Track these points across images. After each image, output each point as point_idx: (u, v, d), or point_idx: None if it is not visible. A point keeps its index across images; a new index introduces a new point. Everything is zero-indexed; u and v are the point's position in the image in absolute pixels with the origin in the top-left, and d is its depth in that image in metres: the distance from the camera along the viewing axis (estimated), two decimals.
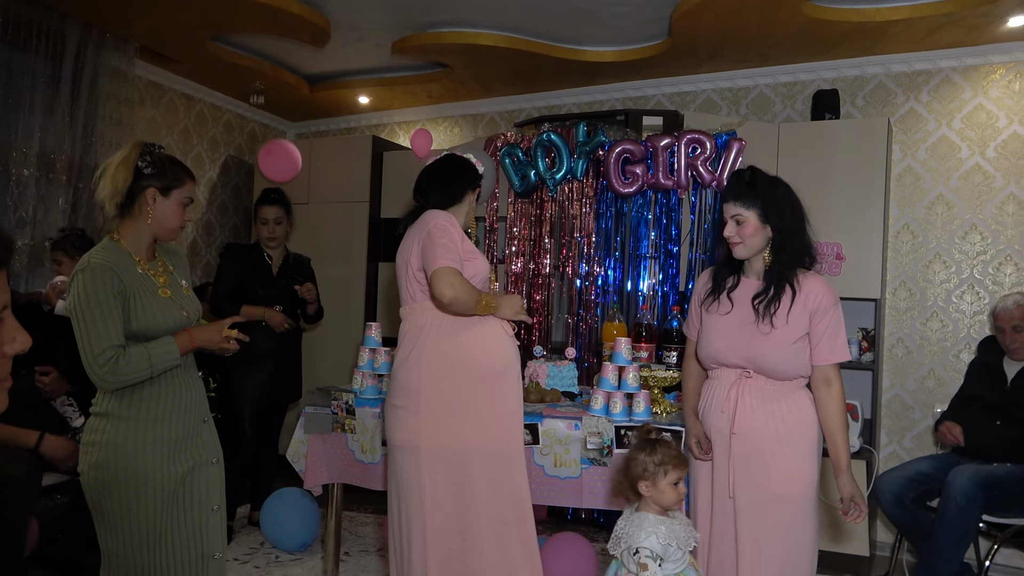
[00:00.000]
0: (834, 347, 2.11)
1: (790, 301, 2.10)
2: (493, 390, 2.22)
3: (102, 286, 1.85)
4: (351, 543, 3.63)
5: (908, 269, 3.93)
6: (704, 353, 2.25)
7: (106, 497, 1.89)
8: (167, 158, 2.03)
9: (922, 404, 3.86)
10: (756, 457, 2.10)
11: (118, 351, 1.83)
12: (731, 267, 2.24)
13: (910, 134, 3.94)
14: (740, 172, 2.21)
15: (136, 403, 1.91)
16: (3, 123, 3.63)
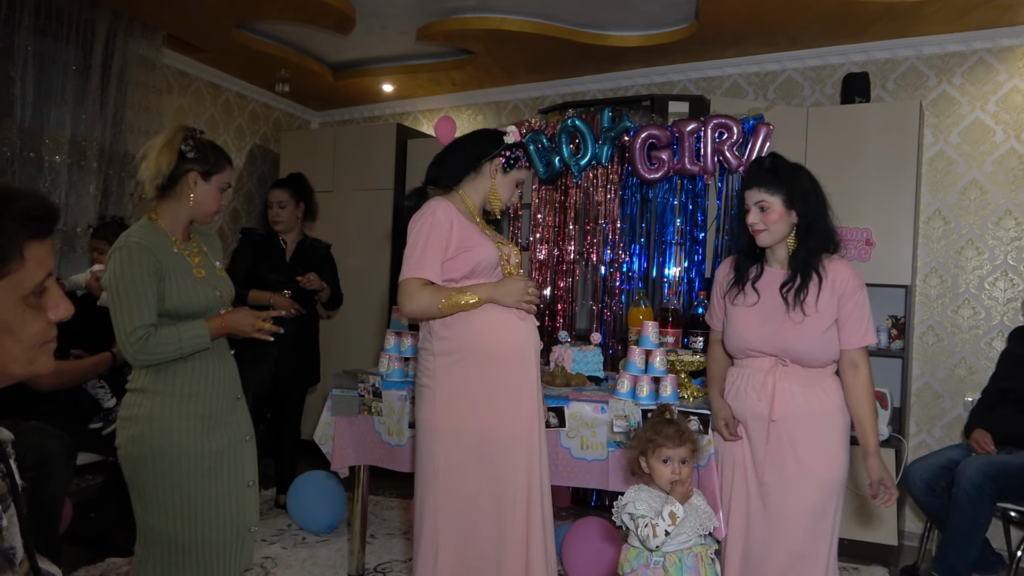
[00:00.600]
0: (861, 331, 2.10)
1: (818, 288, 2.08)
2: (503, 374, 2.18)
3: (138, 265, 1.88)
4: (377, 526, 3.65)
5: (939, 255, 3.87)
6: (733, 345, 2.23)
7: (142, 470, 1.93)
8: (209, 143, 2.07)
9: (952, 392, 3.81)
10: (792, 442, 2.09)
11: (149, 330, 1.87)
12: (753, 256, 2.22)
13: (942, 118, 3.87)
14: (761, 159, 2.21)
15: (170, 379, 1.95)
16: (36, 111, 3.69)
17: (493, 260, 2.21)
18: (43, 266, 0.96)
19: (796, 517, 2.07)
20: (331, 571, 3.09)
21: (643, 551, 1.95)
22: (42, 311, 0.97)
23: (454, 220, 2.18)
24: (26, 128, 3.63)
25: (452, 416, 2.16)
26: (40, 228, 0.96)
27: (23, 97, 3.59)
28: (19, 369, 0.97)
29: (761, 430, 2.14)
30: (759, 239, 2.14)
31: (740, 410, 2.21)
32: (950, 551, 2.86)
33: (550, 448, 2.60)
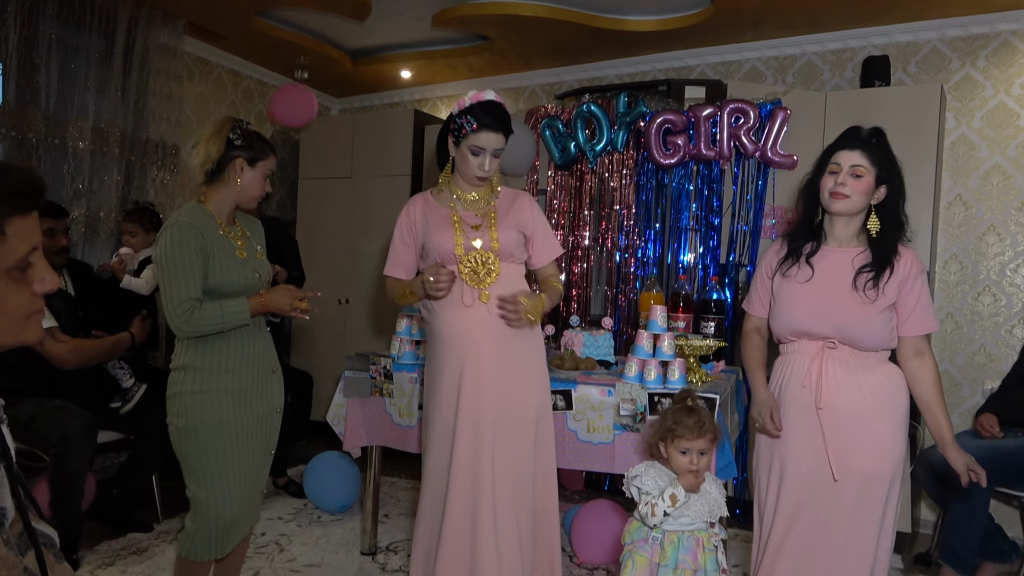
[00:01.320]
0: (927, 317, 2.03)
1: (891, 272, 2.00)
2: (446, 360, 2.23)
3: (187, 242, 2.02)
4: (391, 506, 3.71)
5: (960, 241, 3.81)
6: (782, 324, 2.11)
7: (188, 442, 2.08)
8: (254, 133, 2.19)
9: (971, 380, 3.76)
10: (843, 433, 2.00)
11: (195, 304, 2.01)
12: (809, 231, 2.12)
13: (965, 101, 3.80)
14: (859, 128, 2.07)
15: (208, 355, 2.08)
16: (60, 98, 3.77)
17: (446, 250, 2.23)
18: (27, 240, 0.98)
19: (840, 511, 1.99)
20: (344, 549, 3.15)
21: (643, 525, 1.96)
22: (26, 284, 0.99)
23: (418, 214, 2.32)
24: (51, 115, 3.72)
25: (431, 399, 2.29)
26: (23, 204, 0.98)
27: (47, 84, 3.67)
28: (4, 339, 0.99)
29: (806, 420, 2.05)
30: (836, 204, 2.01)
31: (785, 402, 2.10)
32: (952, 538, 2.84)
33: (556, 431, 2.62)
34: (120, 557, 2.96)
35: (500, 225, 2.27)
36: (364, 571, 2.94)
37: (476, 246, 2.24)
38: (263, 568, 2.91)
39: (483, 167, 2.22)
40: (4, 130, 3.51)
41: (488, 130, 2.19)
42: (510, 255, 2.28)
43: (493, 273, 2.23)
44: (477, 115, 2.19)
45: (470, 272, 2.23)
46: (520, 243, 2.31)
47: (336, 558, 3.05)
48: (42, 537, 1.10)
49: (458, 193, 2.31)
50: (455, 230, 2.25)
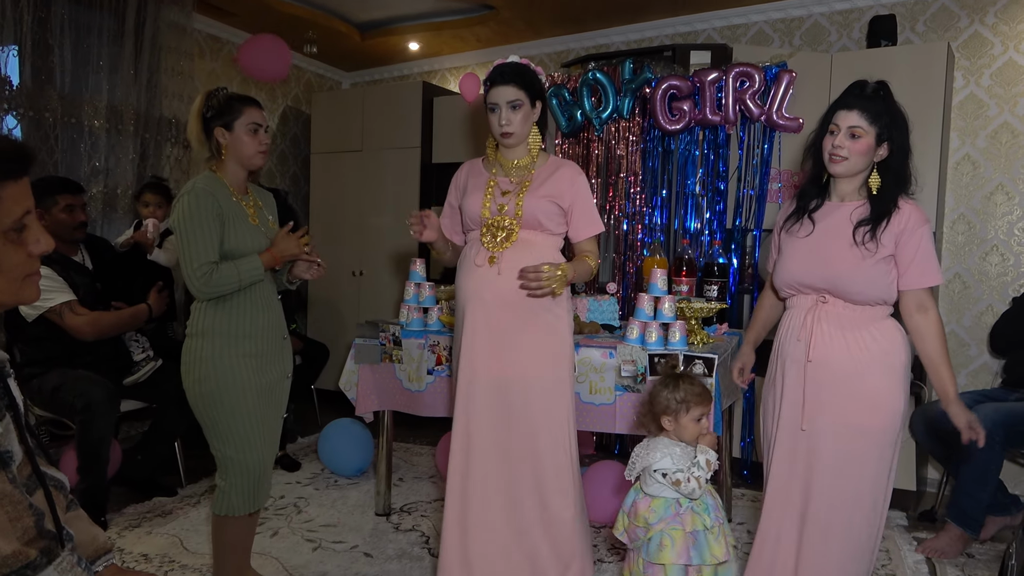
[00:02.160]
0: (926, 269, 1.98)
1: (887, 223, 1.98)
2: (460, 320, 2.31)
3: (204, 208, 2.11)
4: (405, 471, 3.83)
5: (967, 201, 3.79)
6: (780, 278, 2.13)
7: (213, 405, 2.17)
8: (226, 96, 2.22)
9: (979, 340, 3.77)
10: (834, 387, 2.00)
11: (212, 266, 2.10)
12: (817, 187, 2.12)
13: (974, 59, 3.76)
14: (864, 83, 2.02)
15: (227, 321, 2.17)
16: (74, 78, 3.85)
17: (474, 212, 2.28)
18: (20, 204, 1.05)
19: (832, 466, 2.00)
20: (359, 510, 3.26)
21: (670, 500, 1.96)
22: (22, 245, 1.07)
23: (463, 178, 2.41)
24: (66, 95, 3.80)
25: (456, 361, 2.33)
26: (12, 169, 1.04)
27: (62, 65, 3.76)
28: (3, 298, 1.07)
29: (799, 375, 2.06)
30: (835, 167, 2.00)
31: (783, 356, 2.12)
32: (962, 497, 2.86)
33: None
34: (146, 520, 3.10)
35: (530, 193, 2.25)
36: (379, 530, 3.05)
37: (502, 211, 2.25)
38: (282, 528, 3.04)
39: (500, 122, 2.22)
40: (22, 111, 3.61)
41: (496, 84, 2.22)
42: (535, 223, 2.25)
43: (511, 239, 2.23)
44: (490, 75, 2.26)
45: (489, 235, 2.25)
46: (550, 213, 2.26)
47: (352, 519, 3.16)
48: (51, 480, 1.19)
49: (502, 160, 2.33)
50: (486, 193, 2.28)
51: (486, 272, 2.22)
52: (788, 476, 2.10)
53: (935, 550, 2.87)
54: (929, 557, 2.87)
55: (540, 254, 2.24)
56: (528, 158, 2.33)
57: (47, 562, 0.97)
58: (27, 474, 1.07)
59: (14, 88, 3.58)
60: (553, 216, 2.27)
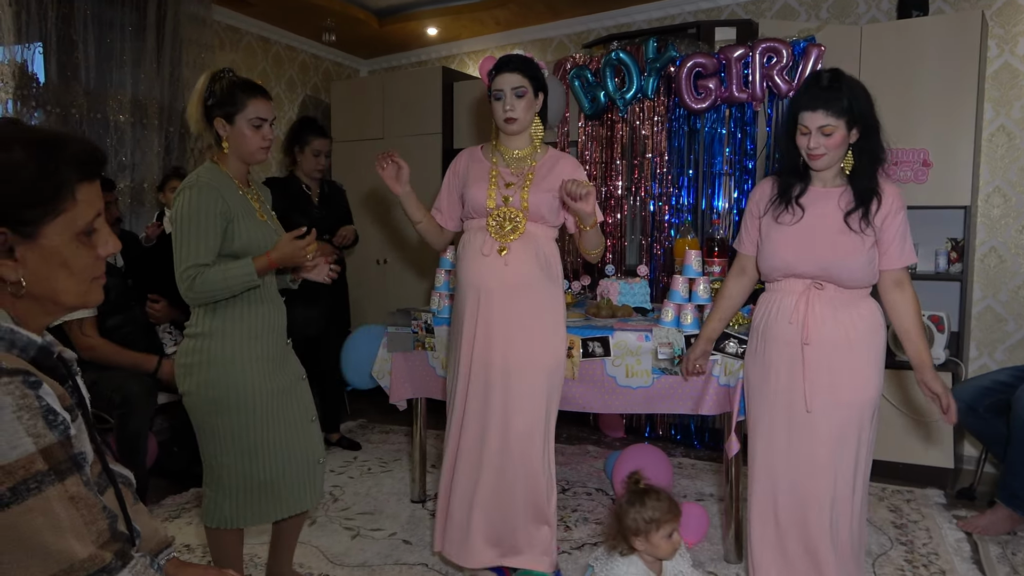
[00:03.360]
0: (904, 250, 2.07)
1: (877, 208, 2.04)
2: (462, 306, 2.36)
3: (206, 204, 1.94)
4: (436, 457, 3.83)
5: (1003, 173, 3.71)
6: (770, 264, 2.15)
7: (215, 414, 2.00)
8: (231, 83, 2.04)
9: (1016, 315, 3.70)
10: (829, 366, 2.06)
11: (200, 270, 1.92)
12: (798, 175, 2.13)
13: (1008, 27, 3.67)
14: (819, 75, 2.05)
15: (237, 321, 2.02)
16: (99, 72, 3.86)
17: (479, 202, 2.34)
18: (93, 206, 1.06)
19: (826, 440, 2.05)
20: (395, 497, 3.28)
21: None
22: (92, 248, 1.07)
23: (463, 166, 2.46)
24: (91, 90, 3.82)
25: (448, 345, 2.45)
26: (89, 170, 1.05)
27: (86, 60, 3.77)
28: (71, 300, 1.07)
29: (793, 356, 2.09)
30: (817, 163, 2.05)
31: (771, 337, 2.15)
32: (1012, 479, 2.80)
33: (595, 377, 2.69)
34: (185, 510, 3.13)
35: (534, 186, 2.33)
36: (416, 517, 3.06)
37: (507, 202, 2.32)
38: (319, 516, 3.06)
39: (504, 107, 2.30)
40: (49, 107, 3.63)
41: (501, 71, 2.30)
42: (540, 216, 2.34)
43: (518, 231, 2.31)
44: (494, 65, 2.34)
45: (496, 225, 2.32)
46: (552, 207, 2.35)
47: (388, 506, 3.18)
48: (120, 477, 1.20)
49: (503, 150, 2.41)
50: (490, 184, 2.35)
51: (494, 262, 2.30)
52: (785, 452, 2.13)
53: (980, 527, 2.84)
54: (971, 534, 2.84)
55: (542, 245, 2.36)
56: (530, 149, 2.42)
57: (121, 565, 0.97)
58: (97, 472, 1.08)
59: (40, 85, 3.59)
60: (555, 210, 2.37)
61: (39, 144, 1.00)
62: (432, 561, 2.65)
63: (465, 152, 2.51)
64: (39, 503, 0.90)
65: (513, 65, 2.29)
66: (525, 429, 2.29)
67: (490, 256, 2.30)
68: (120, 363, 3.08)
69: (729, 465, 2.59)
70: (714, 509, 3.11)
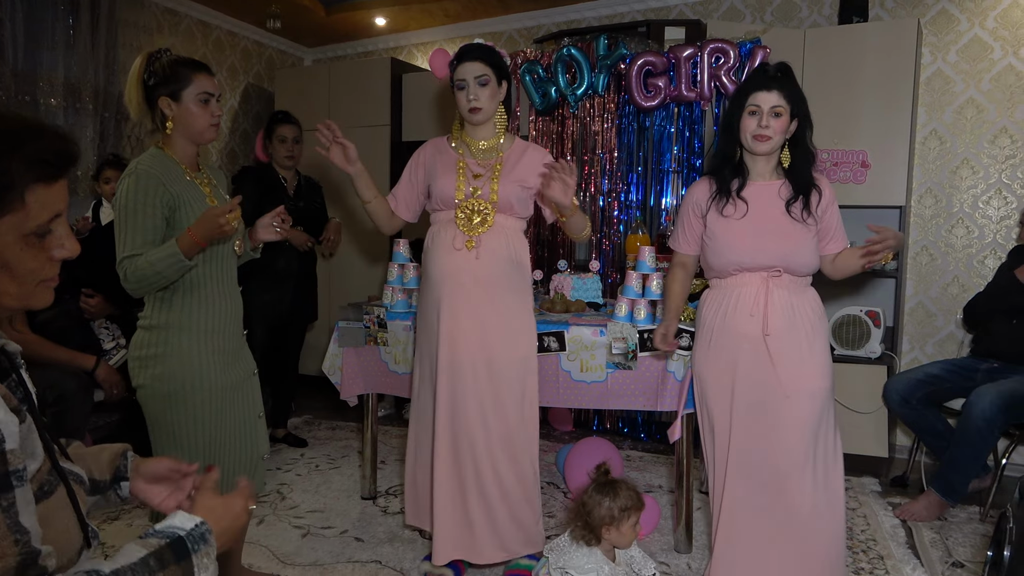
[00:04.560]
0: (842, 235, 2.20)
1: (819, 199, 2.14)
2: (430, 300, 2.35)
3: (143, 193, 1.87)
4: (386, 453, 3.80)
5: (934, 175, 3.89)
6: (723, 259, 2.16)
7: (172, 407, 1.94)
8: (171, 61, 1.96)
9: (945, 311, 3.89)
10: (788, 356, 2.09)
11: (133, 260, 1.85)
12: (734, 169, 2.18)
13: (941, 35, 3.84)
14: (766, 65, 2.16)
15: (191, 312, 1.96)
16: (28, 53, 3.66)
17: (447, 194, 2.32)
18: (47, 209, 0.97)
19: (794, 429, 2.07)
20: (345, 494, 3.23)
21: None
22: (43, 250, 0.99)
23: (427, 157, 2.43)
24: (19, 71, 3.62)
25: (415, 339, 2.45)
26: (47, 172, 0.96)
27: (14, 39, 3.57)
28: (10, 302, 0.98)
29: (754, 348, 2.12)
30: (762, 146, 2.09)
31: (729, 330, 2.17)
32: (952, 474, 2.91)
33: (550, 372, 2.70)
34: (124, 512, 3.01)
35: (503, 178, 2.32)
36: (367, 514, 3.02)
37: (475, 194, 2.30)
38: (268, 516, 2.99)
39: (468, 98, 2.28)
40: None
41: (463, 60, 2.29)
42: (510, 208, 2.32)
43: (487, 223, 2.30)
44: (456, 55, 2.33)
45: (465, 218, 2.30)
46: (522, 198, 2.34)
47: (338, 503, 3.13)
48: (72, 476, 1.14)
49: (468, 141, 2.39)
50: (458, 176, 2.33)
51: (464, 255, 2.29)
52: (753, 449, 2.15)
53: (912, 514, 2.97)
54: (905, 520, 2.97)
55: (512, 238, 2.35)
56: (495, 139, 2.40)
57: None
58: (47, 470, 1.01)
59: None
60: (524, 201, 2.36)
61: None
62: (386, 558, 2.62)
63: (430, 143, 2.48)
64: None
65: (475, 54, 2.27)
66: (513, 421, 2.30)
67: (461, 250, 2.29)
68: (55, 360, 2.93)
69: (680, 458, 2.64)
70: (663, 500, 3.17)
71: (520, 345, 2.34)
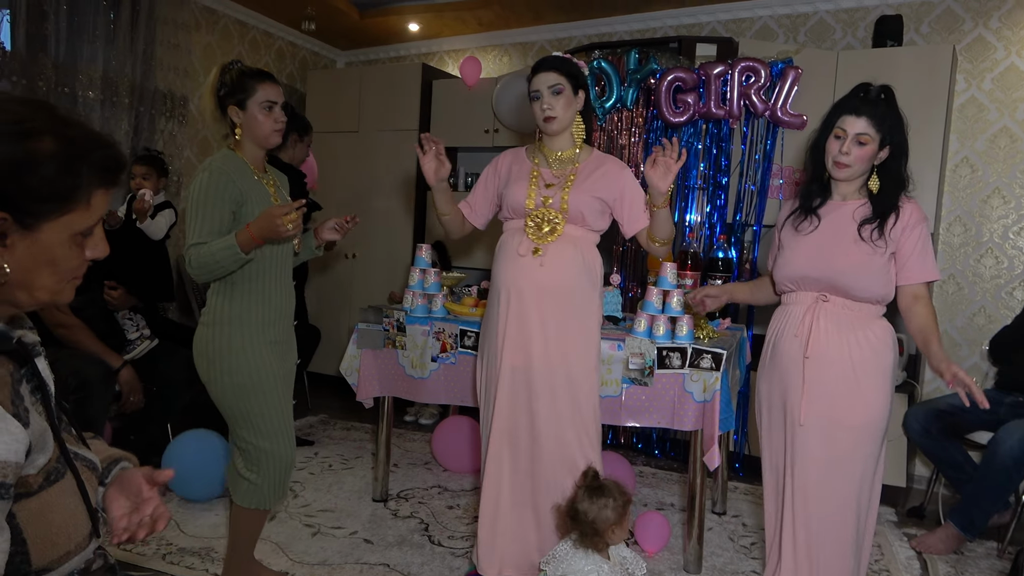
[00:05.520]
0: (924, 264, 2.01)
1: (894, 223, 2.02)
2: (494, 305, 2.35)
3: (215, 188, 2.04)
4: (399, 456, 3.81)
5: (964, 204, 3.84)
6: (782, 273, 2.14)
7: (244, 399, 2.11)
8: (239, 72, 2.15)
9: (970, 341, 3.83)
10: (829, 384, 2.03)
11: (198, 248, 2.02)
12: (820, 186, 2.13)
13: (976, 63, 3.79)
14: (868, 86, 2.04)
15: (248, 307, 2.12)
16: (69, 46, 3.74)
17: (518, 202, 2.31)
18: (99, 212, 1.03)
19: (823, 463, 2.03)
20: (356, 496, 3.24)
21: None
22: (82, 249, 1.04)
23: (504, 166, 2.45)
24: (60, 63, 3.70)
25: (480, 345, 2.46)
26: (111, 179, 1.03)
27: (56, 32, 3.65)
28: (44, 296, 1.03)
29: (796, 371, 2.08)
30: (840, 172, 2.02)
31: (780, 351, 2.14)
32: (972, 508, 2.86)
33: None
34: None
35: (576, 188, 2.27)
36: (377, 516, 3.03)
37: (546, 203, 2.28)
38: (279, 512, 3.01)
39: (543, 107, 2.26)
40: (15, 78, 3.50)
41: (537, 71, 2.29)
42: (580, 218, 2.28)
43: (556, 232, 2.27)
44: (532, 68, 2.32)
45: (534, 226, 2.28)
46: (595, 210, 2.29)
47: (349, 504, 3.14)
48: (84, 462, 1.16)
49: (545, 151, 2.37)
50: (530, 184, 2.31)
51: (529, 263, 2.27)
52: (779, 472, 2.15)
53: (928, 546, 2.92)
54: (921, 552, 2.93)
55: (582, 248, 2.30)
56: (572, 150, 2.36)
57: None
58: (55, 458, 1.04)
59: (6, 53, 3.47)
60: (596, 213, 2.31)
61: (71, 141, 0.97)
62: (394, 561, 2.62)
63: (509, 152, 2.48)
64: None
65: (548, 64, 2.27)
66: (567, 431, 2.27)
67: (525, 257, 2.27)
68: (88, 348, 3.01)
69: (693, 476, 2.62)
70: (675, 519, 3.14)
71: (577, 357, 2.28)
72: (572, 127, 2.34)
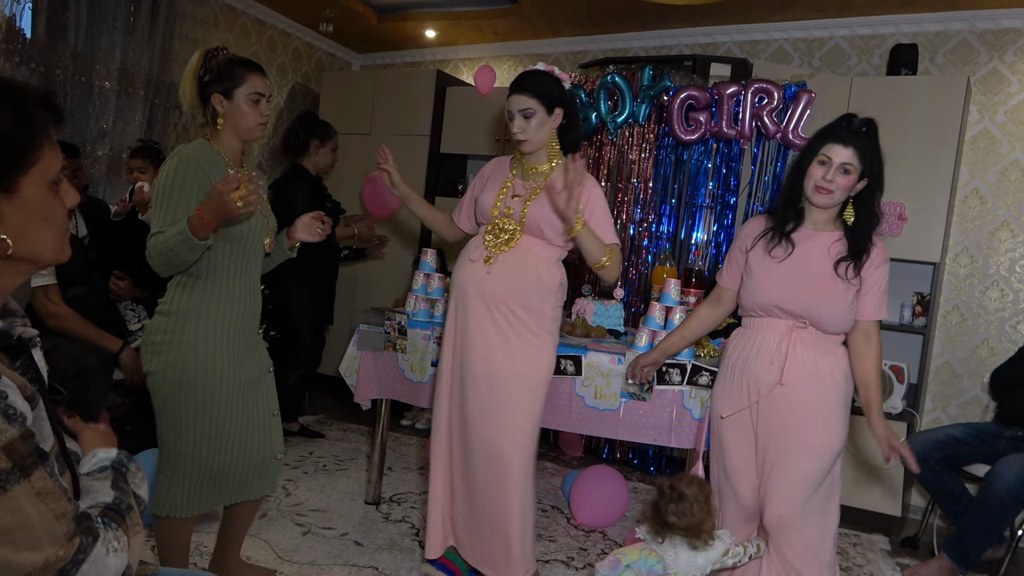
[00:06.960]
0: (881, 304, 2.10)
1: (868, 260, 2.07)
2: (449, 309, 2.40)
3: (182, 175, 1.92)
4: (393, 460, 3.80)
5: (972, 235, 3.83)
6: (753, 299, 2.14)
7: (180, 396, 1.95)
8: (227, 60, 2.02)
9: (972, 373, 3.81)
10: (796, 409, 2.06)
11: (157, 236, 1.88)
12: (795, 212, 2.14)
13: (990, 95, 3.80)
14: (851, 118, 2.06)
15: (210, 302, 1.98)
16: (88, 36, 3.78)
17: (485, 208, 2.37)
18: (59, 153, 1.02)
19: (794, 484, 2.06)
20: (349, 497, 3.24)
21: None
22: (60, 198, 1.03)
23: (487, 172, 2.49)
24: (79, 53, 3.73)
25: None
26: (58, 114, 1.01)
27: (76, 21, 3.68)
28: (50, 256, 1.03)
29: (770, 396, 2.09)
30: (821, 198, 2.04)
31: (749, 375, 2.14)
32: (967, 541, 2.84)
33: (563, 395, 2.70)
34: None
35: (538, 201, 2.28)
36: (368, 519, 3.02)
37: (508, 213, 2.31)
38: (270, 510, 3.00)
39: (513, 129, 2.29)
40: (33, 65, 3.53)
41: (512, 93, 2.29)
42: (538, 231, 2.28)
43: (512, 242, 2.29)
44: (511, 85, 2.30)
45: (492, 234, 2.32)
46: (554, 223, 2.26)
47: (341, 505, 3.14)
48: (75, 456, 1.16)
49: (524, 163, 2.39)
50: (500, 193, 2.36)
51: (478, 268, 2.30)
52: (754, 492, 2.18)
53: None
54: None
55: (536, 262, 2.29)
56: (547, 165, 2.38)
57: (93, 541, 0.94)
58: (55, 453, 1.04)
59: (27, 41, 3.50)
60: (557, 227, 2.28)
61: (5, 88, 0.96)
62: (383, 564, 2.61)
63: (495, 160, 2.53)
64: (6, 503, 0.86)
65: (522, 86, 2.25)
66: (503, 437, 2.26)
67: (476, 263, 2.31)
68: (84, 336, 2.98)
69: None
70: None
71: (520, 362, 2.26)
72: (547, 147, 2.35)
